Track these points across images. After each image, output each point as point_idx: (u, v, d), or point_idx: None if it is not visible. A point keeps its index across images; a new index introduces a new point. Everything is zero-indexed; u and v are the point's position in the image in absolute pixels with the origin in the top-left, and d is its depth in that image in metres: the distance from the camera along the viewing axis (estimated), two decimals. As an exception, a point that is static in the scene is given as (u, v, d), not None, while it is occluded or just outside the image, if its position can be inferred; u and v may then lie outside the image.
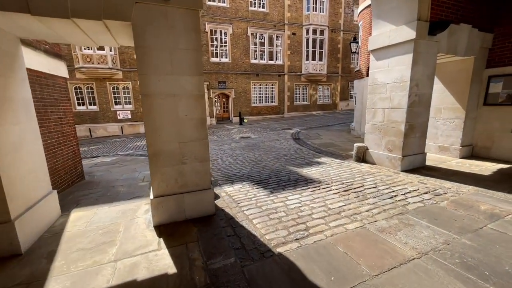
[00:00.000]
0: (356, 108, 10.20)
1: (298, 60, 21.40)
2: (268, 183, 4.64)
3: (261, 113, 20.92)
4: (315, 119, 18.37)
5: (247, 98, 20.09)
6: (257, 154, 7.47)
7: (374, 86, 5.45)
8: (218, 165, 6.49)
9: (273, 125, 15.71)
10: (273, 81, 20.84)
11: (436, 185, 4.15)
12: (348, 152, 7.03)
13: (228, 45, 18.71)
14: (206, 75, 18.24)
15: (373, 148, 5.64)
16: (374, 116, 5.55)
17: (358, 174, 4.97)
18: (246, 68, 19.56)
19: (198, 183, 3.23)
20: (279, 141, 9.62)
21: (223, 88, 19.06)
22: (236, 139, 10.96)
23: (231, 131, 14.28)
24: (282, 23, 20.16)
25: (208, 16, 17.54)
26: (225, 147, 9.09)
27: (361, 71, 9.71)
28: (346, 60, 24.53)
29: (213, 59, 18.44)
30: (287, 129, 13.28)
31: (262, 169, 5.72)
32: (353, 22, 24.29)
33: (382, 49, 5.17)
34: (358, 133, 9.94)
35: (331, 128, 13.15)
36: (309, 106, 22.98)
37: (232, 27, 18.44)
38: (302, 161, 6.35)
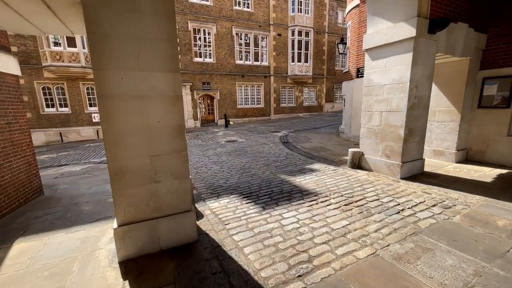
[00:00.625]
0: (345, 110, 9.95)
1: (284, 62, 21.14)
2: (259, 196, 4.10)
3: (247, 115, 20.40)
4: (302, 121, 18.12)
5: (233, 99, 19.49)
6: (245, 161, 6.92)
7: (370, 87, 5.10)
8: (203, 173, 5.86)
9: (260, 128, 15.23)
10: (259, 83, 20.40)
11: (441, 195, 3.81)
12: (341, 157, 6.67)
13: (212, 45, 18.04)
14: (189, 76, 17.45)
15: (370, 154, 5.28)
16: (370, 119, 5.19)
17: (356, 183, 4.56)
18: (231, 68, 18.97)
19: (175, 204, 2.63)
20: (267, 145, 9.13)
21: (207, 89, 18.33)
22: (222, 143, 10.35)
23: (216, 134, 13.62)
24: (267, 23, 19.80)
25: (191, 14, 16.79)
26: (210, 153, 8.45)
27: (350, 72, 9.47)
28: (331, 62, 24.66)
29: (196, 59, 17.69)
30: (275, 132, 12.84)
31: (251, 179, 5.18)
32: (337, 24, 24.48)
33: (378, 48, 4.82)
34: (348, 136, 9.68)
35: (319, 130, 12.87)
36: (296, 108, 22.77)
37: (216, 26, 17.81)
38: (294, 168, 5.88)
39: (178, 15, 16.39)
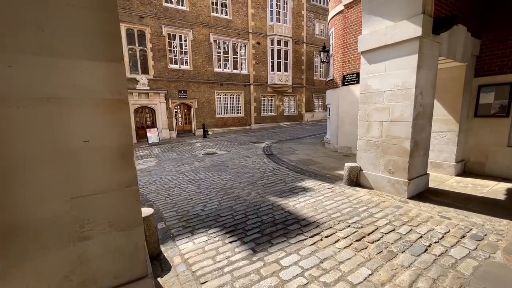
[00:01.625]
0: (331, 120, 9.50)
1: (264, 70, 20.76)
2: (247, 230, 3.21)
3: (227, 125, 19.49)
4: (284, 130, 17.61)
5: (212, 108, 18.52)
6: (227, 178, 5.99)
7: (367, 94, 4.52)
8: (175, 197, 4.83)
9: (241, 138, 14.38)
10: (238, 91, 19.71)
11: (464, 221, 3.21)
12: (333, 172, 6.01)
13: (188, 51, 17.10)
14: (164, 83, 16.26)
15: (369, 169, 4.65)
16: (368, 130, 4.59)
17: (359, 205, 3.86)
18: (209, 76, 18.09)
19: (119, 271, 1.66)
20: (250, 158, 8.28)
21: (184, 97, 17.21)
22: (200, 156, 9.31)
23: (193, 145, 12.51)
24: (246, 31, 19.39)
25: (165, 18, 15.80)
26: (185, 168, 7.39)
27: (335, 80, 9.09)
28: (310, 71, 24.85)
29: (172, 66, 16.59)
30: (257, 143, 12.06)
31: (234, 203, 4.27)
32: (315, 35, 24.90)
33: (376, 50, 4.29)
34: (335, 147, 9.18)
35: (302, 140, 12.33)
36: (276, 117, 22.34)
37: (193, 32, 16.97)
38: (283, 186, 5.07)
39: (151, 19, 15.33)
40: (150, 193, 5.25)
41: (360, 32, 7.70)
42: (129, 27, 14.76)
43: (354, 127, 8.15)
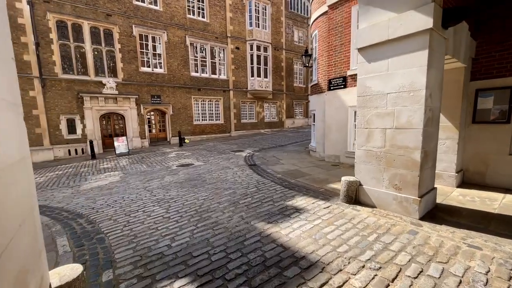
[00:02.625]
0: (316, 127, 8.95)
1: (243, 76, 20.10)
2: (228, 280, 2.32)
3: (205, 132, 18.40)
4: (265, 138, 16.94)
5: (188, 115, 17.36)
6: (203, 196, 5.04)
7: (367, 97, 3.91)
8: (136, 225, 3.80)
9: (220, 146, 13.41)
10: (217, 97, 18.78)
11: (498, 252, 2.62)
12: (326, 185, 5.32)
13: (163, 54, 15.93)
14: (135, 87, 14.87)
15: (370, 184, 4.01)
16: (368, 139, 3.96)
17: (367, 231, 3.15)
18: (185, 81, 17.00)
19: None
20: (231, 170, 7.38)
21: (157, 103, 15.90)
22: (173, 169, 8.21)
23: (167, 155, 11.31)
24: (224, 35, 18.69)
25: (136, 18, 14.57)
26: (154, 184, 6.30)
27: (320, 85, 8.59)
28: (290, 78, 24.70)
29: (144, 69, 15.29)
30: (238, 152, 11.19)
31: (212, 233, 3.36)
32: (294, 42, 24.92)
33: (377, 47, 3.70)
34: (321, 155, 8.60)
35: (286, 148, 11.69)
36: (257, 124, 21.68)
37: (167, 34, 15.87)
38: (272, 206, 4.25)
39: (120, 17, 14.02)
40: (105, 220, 4.15)
41: (347, 34, 7.33)
42: (94, 25, 13.33)
43: (341, 134, 7.66)
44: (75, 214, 4.62)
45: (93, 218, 4.32)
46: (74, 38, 12.89)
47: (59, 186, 6.94)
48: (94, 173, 8.43)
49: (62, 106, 12.70)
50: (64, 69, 12.75)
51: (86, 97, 13.09)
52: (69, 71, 12.90)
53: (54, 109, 12.47)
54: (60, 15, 12.31)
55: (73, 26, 12.82)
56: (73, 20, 12.72)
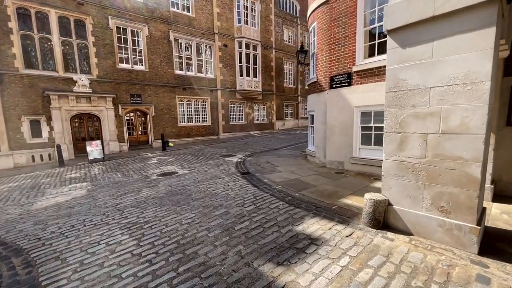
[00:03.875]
0: (316, 129, 8.09)
1: (232, 75, 19.06)
2: None
3: (191, 135, 17.15)
4: (256, 140, 15.96)
5: (173, 116, 16.07)
6: (187, 218, 3.98)
7: (400, 93, 3.04)
8: (90, 269, 2.69)
9: (208, 150, 12.28)
10: (204, 97, 17.61)
11: None
12: (338, 201, 4.42)
13: (143, 49, 14.59)
14: (112, 85, 13.42)
15: (405, 205, 3.13)
16: (402, 146, 3.09)
17: (420, 279, 2.25)
18: (169, 79, 15.71)
19: None
20: (221, 180, 6.34)
21: (137, 103, 14.51)
22: (153, 179, 7.04)
23: (148, 161, 10.05)
24: (211, 32, 17.58)
25: (111, 8, 13.16)
26: (127, 200, 5.14)
27: (319, 82, 7.75)
28: (279, 78, 23.93)
29: (122, 65, 13.87)
30: (228, 156, 10.13)
31: (200, 286, 2.33)
32: (283, 41, 24.21)
33: (415, 26, 2.84)
34: (322, 161, 7.75)
35: (280, 152, 10.77)
36: (247, 125, 20.68)
37: (149, 27, 14.55)
38: (278, 234, 3.28)
39: (94, 7, 12.57)
40: (50, 261, 3.00)
41: (352, 25, 6.51)
42: (63, 14, 11.80)
43: (345, 138, 6.83)
44: (11, 249, 3.41)
45: (35, 257, 3.15)
46: (38, 29, 11.31)
47: (7, 203, 5.58)
48: (57, 185, 7.08)
49: (24, 106, 11.07)
50: (27, 63, 11.14)
51: (54, 96, 11.52)
52: (32, 65, 11.29)
53: (14, 109, 10.83)
54: (21, 1, 10.73)
55: (37, 14, 11.25)
56: (38, 7, 11.16)
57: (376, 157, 6.21)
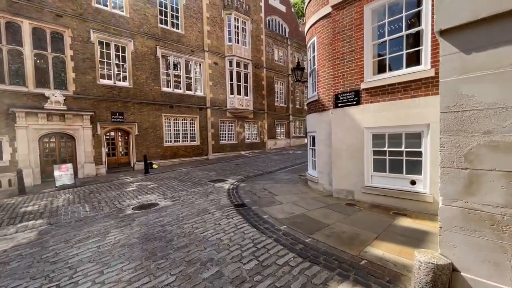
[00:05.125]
0: (318, 152, 7.22)
1: (222, 93, 18.37)
2: None
3: (178, 155, 15.90)
4: (248, 161, 14.93)
5: (158, 135, 14.87)
6: (165, 284, 2.82)
7: (466, 114, 2.21)
8: None
9: (196, 174, 11.09)
10: (193, 115, 16.64)
11: None
12: (365, 251, 3.40)
13: (128, 65, 13.67)
14: (90, 102, 12.24)
15: (480, 273, 2.17)
16: (471, 189, 2.19)
17: None
18: (155, 97, 14.72)
19: None
20: (211, 217, 5.19)
21: (119, 121, 13.29)
22: (127, 214, 5.78)
23: (126, 188, 8.72)
24: (201, 49, 17.05)
25: (95, 22, 12.33)
26: (86, 252, 3.88)
27: (321, 101, 7.03)
28: (271, 97, 23.56)
29: (103, 81, 12.80)
30: (218, 181, 8.99)
31: None
32: (274, 61, 24.16)
33: (489, 23, 2.07)
34: (326, 189, 6.80)
35: (276, 176, 9.76)
36: (237, 145, 19.69)
37: (134, 43, 13.77)
38: (297, 322, 2.20)
39: (75, 20, 11.70)
40: None
41: (359, 39, 5.82)
42: (38, 25, 10.81)
43: (355, 163, 5.95)
44: None
45: None
46: (8, 40, 10.20)
47: None
48: (3, 223, 5.65)
49: (-18, 125, 9.64)
50: (-10, 77, 9.88)
51: (20, 113, 10.18)
52: (-3, 79, 10.03)
53: (-32, 129, 9.36)
54: (-12, 10, 9.70)
55: (8, 25, 10.19)
56: (9, 18, 10.13)
57: (393, 186, 5.34)
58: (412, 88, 4.97)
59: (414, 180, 5.09)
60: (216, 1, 17.96)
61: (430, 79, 4.71)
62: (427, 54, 4.78)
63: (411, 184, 5.14)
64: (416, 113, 4.89)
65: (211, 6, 17.55)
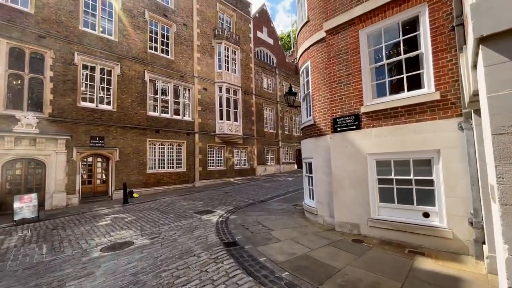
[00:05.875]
0: (316, 180, 6.65)
1: (211, 118, 17.98)
2: None
3: (162, 183, 14.79)
4: (238, 189, 14.06)
5: (141, 161, 13.87)
6: None
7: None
8: None
9: (180, 204, 10.07)
10: (179, 140, 15.91)
11: None
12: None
13: (113, 88, 13.11)
14: (68, 125, 11.33)
15: None
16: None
17: None
18: (140, 121, 14.02)
19: None
20: (196, 260, 4.30)
21: (99, 146, 12.32)
22: (93, 257, 4.76)
23: (98, 222, 7.59)
24: (191, 75, 16.95)
25: (81, 44, 11.96)
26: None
27: (318, 125, 6.66)
28: (260, 123, 23.45)
29: (84, 104, 12.06)
30: (205, 213, 8.07)
31: None
32: (263, 89, 24.54)
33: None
34: (327, 222, 6.13)
35: (269, 206, 8.97)
36: (226, 171, 18.85)
37: (121, 66, 13.40)
38: None
39: (59, 42, 11.27)
40: None
41: (355, 62, 5.59)
42: (17, 45, 10.24)
43: (359, 192, 5.38)
44: None
45: None
46: (-20, 58, 9.48)
47: None
48: None
49: None
50: (-48, 96, 8.92)
51: (-18, 137, 9.10)
52: (-40, 100, 9.07)
53: None
54: (-38, 27, 9.08)
55: (-18, 43, 9.55)
56: (-16, 36, 9.53)
57: (403, 219, 4.77)
58: (416, 112, 4.68)
59: (427, 212, 4.57)
60: (207, 31, 18.38)
61: (436, 103, 4.44)
62: (429, 77, 4.58)
63: (424, 217, 4.59)
64: (423, 138, 4.53)
65: (201, 35, 17.89)
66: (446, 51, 4.38)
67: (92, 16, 12.74)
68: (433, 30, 4.53)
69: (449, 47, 4.35)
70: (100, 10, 12.98)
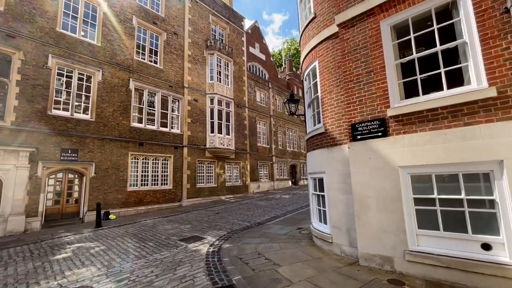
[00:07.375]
0: (331, 199, 5.47)
1: (202, 131, 16.77)
2: None
3: (144, 202, 13.11)
4: (230, 208, 12.58)
5: (121, 177, 12.27)
6: None
7: None
8: None
9: (163, 228, 8.54)
10: (166, 154, 14.48)
11: None
12: None
13: (92, 95, 11.78)
14: (35, 136, 9.79)
15: None
16: None
17: None
18: (122, 132, 12.60)
19: None
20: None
21: (71, 159, 10.73)
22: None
23: (53, 255, 5.98)
24: (180, 85, 15.91)
25: (56, 46, 10.75)
26: None
27: (330, 133, 5.62)
28: (253, 137, 22.41)
29: (57, 112, 10.62)
30: (192, 240, 6.62)
31: None
32: (256, 102, 23.80)
33: None
34: (347, 253, 4.89)
35: (269, 230, 7.62)
36: (217, 189, 17.35)
37: (103, 73, 12.18)
38: None
39: (31, 42, 10.03)
40: None
41: (378, 57, 4.61)
42: (-23, 43, 8.90)
43: (391, 215, 4.14)
44: None
45: None
46: None
47: None
48: None
49: None
50: None
51: None
52: None
53: None
54: None
55: None
56: None
57: (454, 252, 3.62)
58: (464, 113, 3.71)
59: (487, 243, 3.46)
60: (199, 41, 17.68)
61: (491, 101, 3.50)
62: (478, 70, 3.68)
63: (483, 249, 3.48)
64: (477, 146, 3.53)
65: (193, 45, 17.14)
66: (499, 38, 3.52)
67: (73, 19, 11.67)
68: (479, 14, 3.70)
69: (503, 33, 3.50)
70: (82, 13, 11.95)
